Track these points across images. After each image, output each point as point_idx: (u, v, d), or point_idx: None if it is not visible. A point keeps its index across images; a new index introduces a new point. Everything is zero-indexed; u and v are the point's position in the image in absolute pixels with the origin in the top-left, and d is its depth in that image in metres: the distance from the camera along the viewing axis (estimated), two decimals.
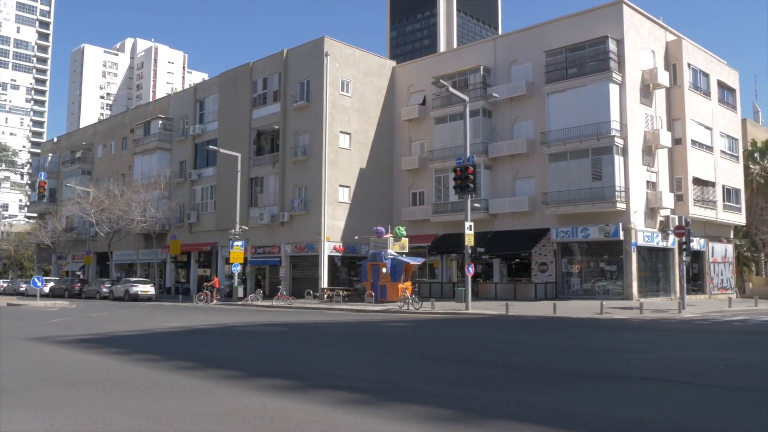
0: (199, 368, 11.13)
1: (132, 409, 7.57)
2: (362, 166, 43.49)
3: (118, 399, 8.18)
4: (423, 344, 15.63)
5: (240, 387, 9.09)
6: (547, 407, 7.68)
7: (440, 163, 40.98)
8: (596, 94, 35.03)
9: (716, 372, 10.64)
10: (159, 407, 7.75)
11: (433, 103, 42.71)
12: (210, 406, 7.78)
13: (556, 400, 8.11)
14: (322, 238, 40.53)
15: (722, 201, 41.15)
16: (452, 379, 9.90)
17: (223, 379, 9.84)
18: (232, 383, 9.46)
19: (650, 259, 36.85)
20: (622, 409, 7.56)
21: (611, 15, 35.92)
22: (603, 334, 18.07)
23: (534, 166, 37.95)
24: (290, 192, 42.72)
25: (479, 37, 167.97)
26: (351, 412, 7.46)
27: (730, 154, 43.14)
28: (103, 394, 8.46)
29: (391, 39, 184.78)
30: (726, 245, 43.65)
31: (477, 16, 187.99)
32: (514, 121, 39.28)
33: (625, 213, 34.36)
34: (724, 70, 43.70)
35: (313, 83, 42.02)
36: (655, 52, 37.98)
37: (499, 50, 40.72)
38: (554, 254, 36.81)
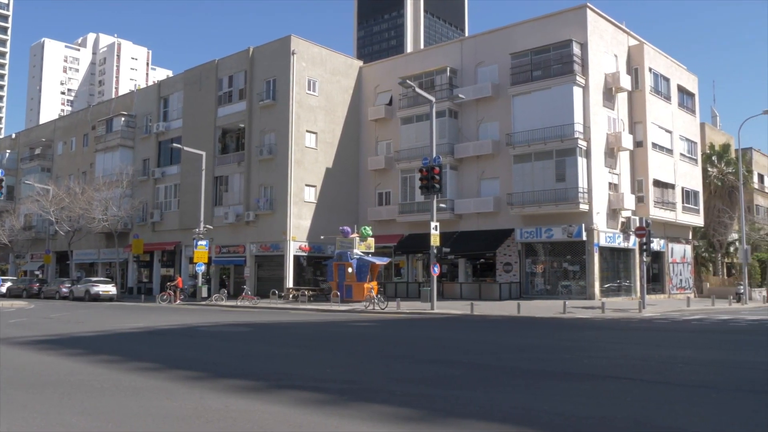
0: (161, 369, 10.97)
1: (92, 412, 7.42)
2: (328, 166, 43.37)
3: (78, 401, 8.02)
4: (388, 344, 15.65)
5: (203, 388, 8.99)
6: (511, 406, 7.75)
7: (406, 164, 41.09)
8: (560, 97, 35.50)
9: (675, 370, 10.86)
10: (120, 409, 7.62)
11: (399, 103, 42.81)
12: (172, 407, 7.67)
13: (520, 399, 8.19)
14: (288, 238, 40.30)
15: (681, 203, 42.07)
16: (418, 379, 9.93)
17: (186, 380, 9.71)
18: (195, 384, 9.35)
19: (612, 259, 37.49)
20: (585, 407, 7.67)
21: (575, 19, 36.45)
22: (566, 333, 18.32)
23: (499, 167, 38.29)
24: (256, 191, 42.39)
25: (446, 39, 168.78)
26: (315, 412, 7.42)
27: (689, 157, 44.12)
28: (62, 397, 8.28)
29: (358, 39, 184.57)
30: (685, 246, 44.63)
31: (444, 17, 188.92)
32: (480, 122, 39.59)
33: (587, 214, 34.89)
34: (683, 75, 44.67)
35: (280, 82, 41.76)
36: (618, 56, 38.65)
37: (466, 52, 41.00)
38: (518, 254, 37.19)
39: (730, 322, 22.54)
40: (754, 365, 11.44)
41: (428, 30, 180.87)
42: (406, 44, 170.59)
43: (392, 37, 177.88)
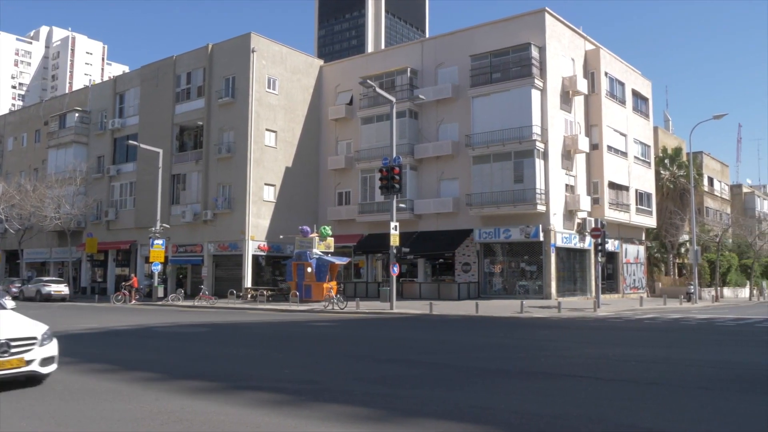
0: (116, 371, 10.77)
1: (42, 415, 7.24)
2: (288, 165, 43.10)
3: (28, 405, 7.81)
4: (347, 344, 15.64)
5: (159, 390, 8.85)
6: (469, 405, 7.82)
7: (366, 164, 41.11)
8: (519, 99, 35.96)
9: (628, 367, 11.12)
10: (72, 413, 7.45)
11: (360, 103, 42.80)
12: (127, 410, 7.53)
13: (477, 398, 8.28)
14: (247, 237, 39.93)
15: (635, 204, 43.04)
16: (377, 379, 9.95)
17: (142, 382, 9.55)
18: (151, 386, 9.20)
19: (568, 259, 38.14)
20: (541, 405, 7.79)
21: (534, 23, 36.96)
22: (523, 332, 18.57)
23: (458, 168, 38.60)
24: (214, 190, 41.88)
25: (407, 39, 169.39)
26: (274, 413, 7.38)
27: (643, 160, 45.17)
28: (10, 401, 8.05)
29: (319, 38, 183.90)
30: (638, 247, 45.67)
31: (405, 18, 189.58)
32: (440, 123, 39.84)
33: (545, 215, 35.42)
34: (638, 79, 45.70)
35: (239, 79, 41.33)
36: (575, 60, 39.33)
37: (426, 53, 41.22)
38: (477, 254, 37.55)
39: (680, 321, 23.15)
40: (703, 363, 11.78)
41: (389, 30, 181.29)
42: (367, 44, 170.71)
43: (353, 37, 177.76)
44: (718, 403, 7.86)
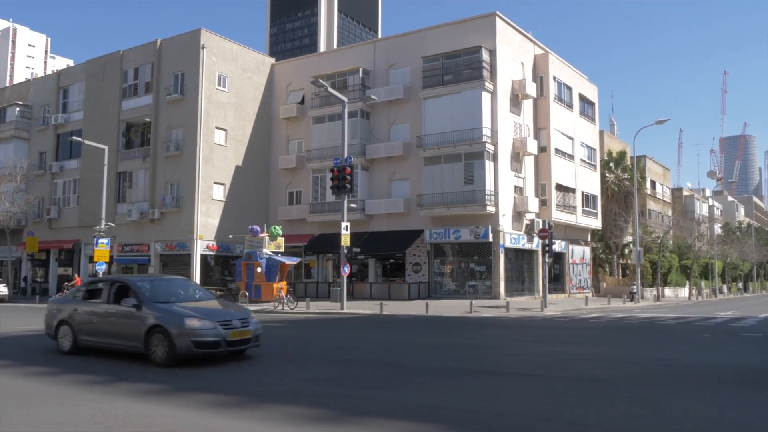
0: (57, 374, 10.46)
1: None
2: (238, 164, 42.60)
3: None
4: (297, 344, 15.54)
5: (102, 393, 8.64)
6: (417, 404, 7.87)
7: (318, 163, 40.95)
8: (469, 101, 36.37)
9: (573, 366, 11.37)
10: (9, 417, 7.20)
11: (311, 102, 42.60)
12: (68, 413, 7.33)
13: (427, 397, 8.34)
14: (195, 237, 39.30)
15: (581, 206, 44.04)
16: (326, 379, 9.92)
17: (84, 385, 9.31)
18: (94, 389, 8.97)
19: (516, 260, 38.76)
20: (489, 403, 7.90)
21: (485, 26, 37.43)
22: (472, 332, 18.78)
23: (410, 169, 38.79)
24: (161, 188, 41.07)
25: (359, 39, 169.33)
26: (222, 415, 7.29)
27: (589, 163, 46.25)
28: None
29: (271, 36, 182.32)
30: (584, 248, 46.74)
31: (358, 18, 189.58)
32: (392, 123, 39.98)
33: (494, 216, 35.90)
34: (585, 84, 46.78)
35: (188, 76, 40.65)
36: (524, 64, 39.99)
37: (379, 53, 41.30)
38: (427, 255, 37.80)
39: (624, 320, 23.78)
40: (645, 359, 12.13)
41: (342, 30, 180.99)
42: (320, 43, 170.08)
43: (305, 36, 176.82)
44: (659, 399, 8.10)
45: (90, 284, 13.59)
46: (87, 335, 12.36)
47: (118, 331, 11.82)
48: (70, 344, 12.59)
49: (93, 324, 12.28)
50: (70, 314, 12.75)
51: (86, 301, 12.80)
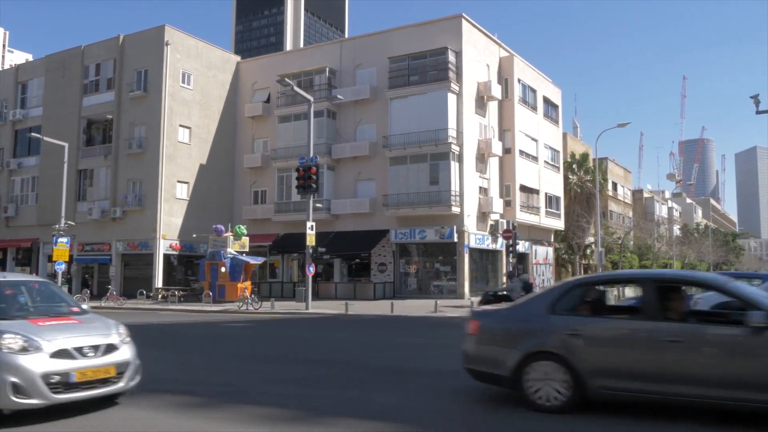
0: None
1: None
2: (202, 162, 42.15)
3: None
4: (262, 344, 15.48)
5: None
6: (383, 404, 7.92)
7: (283, 162, 40.74)
8: (435, 102, 36.56)
9: None
10: None
11: (277, 101, 42.37)
12: None
13: (392, 397, 8.38)
14: (158, 236, 38.76)
15: (545, 207, 44.64)
16: (292, 379, 9.91)
17: None
18: None
19: (481, 260, 39.11)
20: (453, 403, 7.98)
21: (451, 28, 37.68)
22: (437, 331, 18.91)
23: (375, 169, 38.84)
24: (123, 186, 40.41)
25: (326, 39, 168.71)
26: (186, 417, 7.24)
27: (552, 165, 46.90)
28: None
29: (237, 34, 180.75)
30: (547, 248, 47.38)
31: (324, 17, 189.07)
32: (358, 123, 39.98)
33: (459, 216, 36.17)
34: (549, 87, 47.41)
35: (152, 73, 40.06)
36: (490, 66, 40.37)
37: (345, 53, 41.26)
38: (393, 255, 37.90)
39: None
40: None
41: (308, 29, 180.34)
42: (286, 42, 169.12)
43: (272, 34, 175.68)
44: None
45: None
46: None
47: None
48: None
49: None
50: None
51: None
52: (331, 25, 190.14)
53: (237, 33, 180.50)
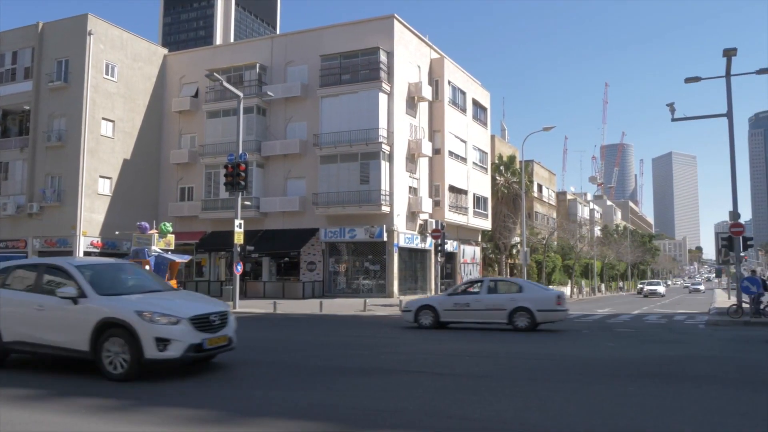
0: None
1: None
2: (126, 157, 40.88)
3: None
4: None
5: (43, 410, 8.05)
6: (310, 403, 7.88)
7: (211, 159, 39.98)
8: (367, 102, 36.67)
9: (461, 362, 11.74)
10: None
11: (206, 96, 41.55)
12: None
13: (318, 396, 8.35)
14: (78, 233, 37.35)
15: (473, 208, 45.46)
16: (215, 380, 9.73)
17: None
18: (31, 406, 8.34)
19: (410, 259, 39.47)
20: (380, 401, 8.03)
21: (383, 28, 37.86)
22: (365, 330, 18.96)
23: (306, 167, 38.64)
24: (41, 180, 38.76)
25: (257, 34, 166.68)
26: (103, 420, 7.00)
27: (481, 166, 47.81)
28: None
29: (165, 26, 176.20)
30: (475, 248, 48.26)
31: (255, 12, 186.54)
32: (288, 121, 39.66)
33: (389, 216, 36.40)
34: (478, 90, 48.30)
35: (73, 63, 38.57)
36: (421, 67, 40.79)
37: (276, 49, 40.85)
38: (322, 254, 37.80)
39: None
40: (528, 355, 12.71)
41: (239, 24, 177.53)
42: (215, 36, 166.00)
43: (201, 27, 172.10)
44: (540, 392, 8.52)
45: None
46: None
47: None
48: None
49: None
50: None
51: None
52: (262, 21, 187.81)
53: (165, 25, 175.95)
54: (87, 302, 9.31)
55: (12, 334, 9.90)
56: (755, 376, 10.55)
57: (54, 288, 9.70)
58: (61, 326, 9.43)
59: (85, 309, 9.27)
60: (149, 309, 9.06)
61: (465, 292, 19.79)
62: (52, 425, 6.75)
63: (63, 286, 9.51)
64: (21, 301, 9.94)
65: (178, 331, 9.06)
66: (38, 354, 10.00)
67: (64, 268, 9.98)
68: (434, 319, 18.94)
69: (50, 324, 9.50)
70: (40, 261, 11.36)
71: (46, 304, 9.59)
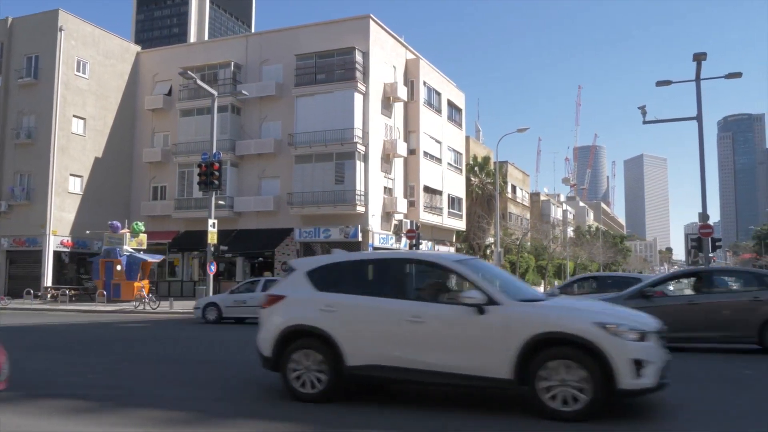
0: None
1: None
2: (98, 155, 40.36)
3: None
4: (158, 346, 15.01)
5: None
6: (289, 406, 7.87)
7: (185, 158, 39.63)
8: (342, 102, 36.65)
9: None
10: None
11: (179, 94, 41.17)
12: None
13: (285, 396, 8.34)
14: (48, 232, 36.80)
15: (447, 208, 45.68)
16: (188, 381, 9.67)
17: None
18: None
19: None
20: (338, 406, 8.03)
21: (359, 28, 37.87)
22: None
23: (280, 167, 38.49)
24: (10, 178, 38.11)
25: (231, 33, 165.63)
26: (75, 422, 6.93)
27: (455, 167, 48.07)
28: None
29: (138, 23, 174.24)
30: (449, 248, 48.48)
31: (230, 10, 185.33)
32: (263, 120, 39.47)
33: (363, 216, 36.42)
34: (453, 91, 48.55)
35: (44, 59, 37.98)
36: (396, 67, 40.87)
37: (251, 48, 40.62)
38: (297, 254, 37.67)
39: None
40: None
41: (213, 22, 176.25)
42: (189, 34, 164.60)
43: (174, 25, 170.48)
44: None
45: None
46: None
47: None
48: None
49: None
50: None
51: None
52: (237, 19, 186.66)
53: (138, 22, 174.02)
54: (501, 310, 6.86)
55: (363, 356, 7.37)
56: None
57: (439, 292, 7.55)
58: (458, 344, 6.97)
59: (502, 319, 6.82)
60: (611, 320, 6.66)
61: (246, 290, 22.22)
62: (21, 427, 6.66)
63: (468, 290, 7.12)
64: (379, 308, 7.43)
65: (651, 350, 6.69)
66: (406, 382, 7.50)
67: (441, 265, 7.80)
68: (218, 314, 21.67)
69: (437, 342, 7.06)
70: (384, 256, 8.60)
71: (427, 313, 7.16)
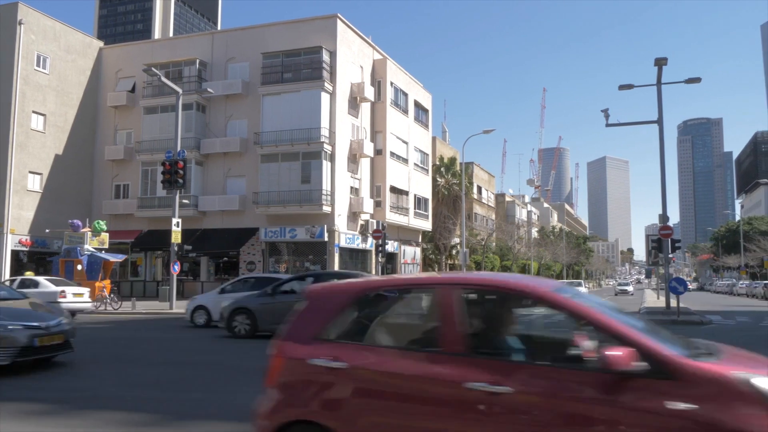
0: None
1: None
2: (58, 152, 39.52)
3: None
4: (120, 346, 14.77)
5: None
6: (246, 404, 7.82)
7: (148, 156, 39.06)
8: (309, 101, 36.51)
9: None
10: None
11: (143, 91, 40.55)
12: None
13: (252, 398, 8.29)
14: (5, 230, 35.91)
15: (414, 209, 45.84)
16: (151, 382, 9.56)
17: None
18: None
19: (351, 259, 39.50)
20: None
21: (326, 27, 37.77)
22: None
23: (246, 166, 38.19)
24: None
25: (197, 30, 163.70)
26: (34, 424, 6.78)
27: (422, 167, 48.25)
28: None
29: (100, 18, 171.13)
30: (415, 248, 48.69)
31: (196, 7, 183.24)
32: (229, 118, 39.10)
33: (330, 216, 36.34)
34: (420, 92, 48.73)
35: (2, 54, 37.03)
36: (363, 67, 40.87)
37: (217, 46, 40.21)
38: (262, 253, 37.44)
39: None
40: None
41: (178, 18, 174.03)
42: (154, 30, 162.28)
43: (138, 21, 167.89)
44: None
45: None
46: None
47: None
48: None
49: None
50: None
51: None
52: (203, 16, 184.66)
53: (101, 17, 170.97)
54: None
55: None
56: None
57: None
58: None
59: None
60: None
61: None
62: None
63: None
64: None
65: None
66: None
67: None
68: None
69: None
70: None
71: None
